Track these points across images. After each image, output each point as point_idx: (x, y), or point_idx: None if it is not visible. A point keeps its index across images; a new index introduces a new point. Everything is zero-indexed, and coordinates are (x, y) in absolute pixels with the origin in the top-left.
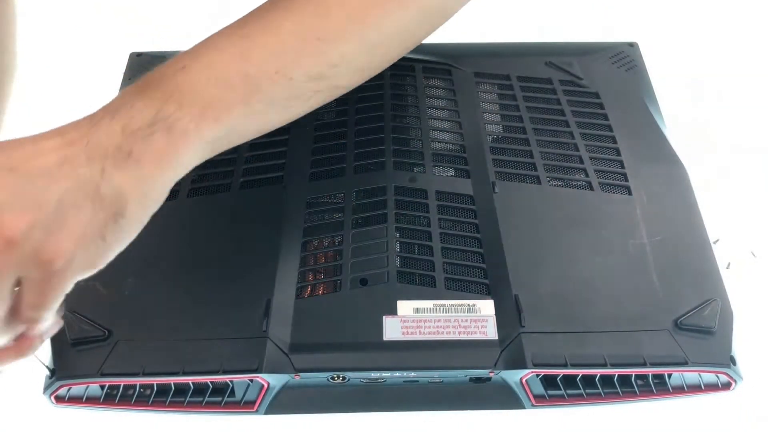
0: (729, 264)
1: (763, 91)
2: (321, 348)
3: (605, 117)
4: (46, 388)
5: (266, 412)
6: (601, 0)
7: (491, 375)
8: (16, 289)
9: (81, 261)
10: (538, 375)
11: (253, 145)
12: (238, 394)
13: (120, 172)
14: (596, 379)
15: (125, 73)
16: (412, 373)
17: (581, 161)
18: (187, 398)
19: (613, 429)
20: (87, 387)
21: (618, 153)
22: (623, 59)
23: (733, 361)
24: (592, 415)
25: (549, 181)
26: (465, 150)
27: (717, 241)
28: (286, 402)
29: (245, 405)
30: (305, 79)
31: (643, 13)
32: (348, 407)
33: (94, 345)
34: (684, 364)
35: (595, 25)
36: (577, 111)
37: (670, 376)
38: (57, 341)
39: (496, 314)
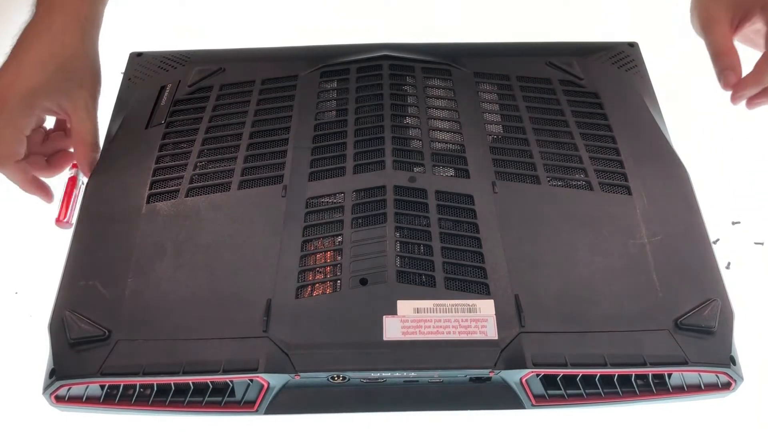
0: (729, 264)
1: None
2: (321, 348)
3: (605, 117)
4: (45, 388)
5: (266, 412)
6: (601, 0)
7: (491, 375)
8: None
9: None
10: (538, 375)
11: (253, 144)
12: (238, 394)
13: None
14: (596, 379)
15: (125, 73)
16: (412, 373)
17: (581, 161)
18: (187, 398)
19: (613, 429)
20: (87, 387)
21: (618, 153)
22: (623, 59)
23: (733, 361)
24: (592, 415)
25: (549, 181)
26: (465, 150)
27: (717, 241)
28: (286, 402)
29: (245, 405)
30: None
31: (643, 13)
32: (348, 407)
33: (94, 345)
34: (684, 364)
35: (595, 25)
36: (577, 111)
37: (670, 376)
38: (57, 341)
39: (496, 314)
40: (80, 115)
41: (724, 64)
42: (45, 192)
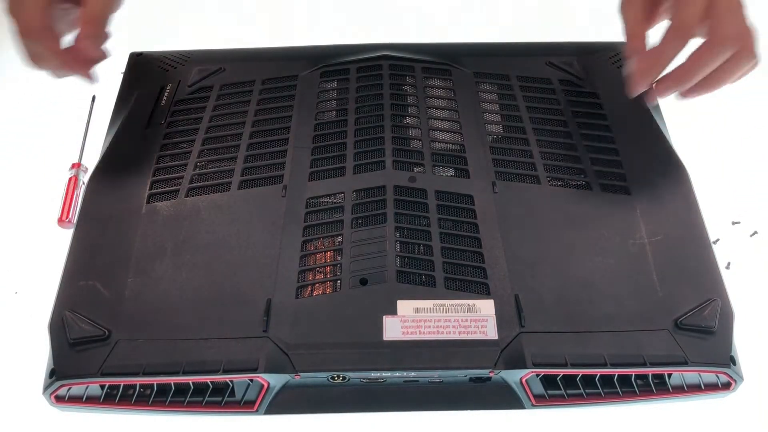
0: (729, 264)
1: (763, 91)
2: (321, 348)
3: (605, 117)
4: (45, 388)
5: (266, 412)
6: (601, 0)
7: (491, 375)
8: None
9: None
10: (538, 375)
11: (253, 144)
12: (238, 394)
13: None
14: (596, 379)
15: (125, 73)
16: (412, 373)
17: (581, 161)
18: (187, 398)
19: (613, 429)
20: (87, 387)
21: (618, 153)
22: (623, 59)
23: (733, 361)
24: (592, 415)
25: (549, 181)
26: (465, 150)
27: (717, 241)
28: (286, 402)
29: (245, 405)
30: None
31: None
32: (348, 407)
33: (94, 345)
34: (684, 364)
35: (595, 25)
36: (577, 111)
37: (670, 376)
38: (57, 341)
39: (496, 314)
40: None
41: (629, 49)
42: (84, 67)
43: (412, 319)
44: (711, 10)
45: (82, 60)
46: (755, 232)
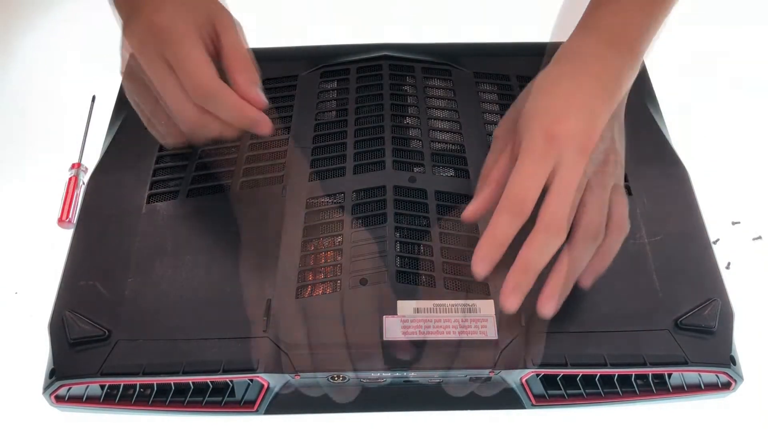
0: (729, 264)
1: (763, 91)
2: (321, 348)
3: None
4: (45, 388)
5: (266, 412)
6: None
7: (491, 375)
8: None
9: None
10: (538, 375)
11: (253, 145)
12: (238, 394)
13: None
14: (596, 379)
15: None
16: (412, 373)
17: None
18: (187, 398)
19: (613, 429)
20: (87, 387)
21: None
22: None
23: (733, 361)
24: (592, 415)
25: None
26: (465, 150)
27: (717, 241)
28: (286, 402)
29: (245, 405)
30: None
31: None
32: (348, 407)
33: (94, 345)
34: (684, 364)
35: None
36: None
37: (670, 376)
38: (57, 341)
39: (496, 314)
40: (230, 31)
41: (477, 188)
42: (261, 116)
43: (412, 319)
44: (549, 189)
45: (256, 110)
46: (759, 237)
